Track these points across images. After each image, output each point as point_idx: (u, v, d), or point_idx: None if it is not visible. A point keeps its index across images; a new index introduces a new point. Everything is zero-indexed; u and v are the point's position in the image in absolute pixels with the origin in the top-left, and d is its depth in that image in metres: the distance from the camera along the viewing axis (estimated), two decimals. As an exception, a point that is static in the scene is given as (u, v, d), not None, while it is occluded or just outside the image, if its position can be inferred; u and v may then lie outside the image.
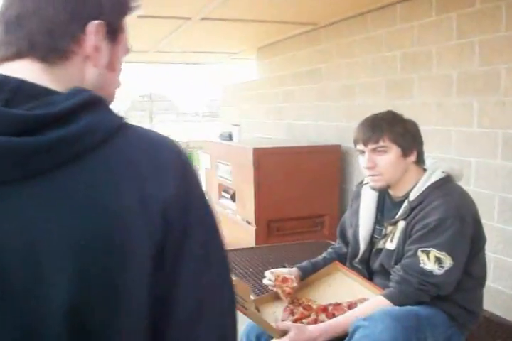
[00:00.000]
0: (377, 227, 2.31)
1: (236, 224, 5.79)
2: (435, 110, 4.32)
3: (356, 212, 2.42)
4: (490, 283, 3.59)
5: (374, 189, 2.29)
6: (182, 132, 22.65)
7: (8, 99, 0.79)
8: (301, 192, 5.21)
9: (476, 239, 2.11)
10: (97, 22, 0.92)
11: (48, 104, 0.81)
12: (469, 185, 3.96)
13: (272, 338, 2.04)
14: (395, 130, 2.19)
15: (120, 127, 0.87)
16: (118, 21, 0.99)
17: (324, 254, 2.60)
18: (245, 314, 1.96)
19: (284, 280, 2.40)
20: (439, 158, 2.49)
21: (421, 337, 1.92)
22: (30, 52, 0.89)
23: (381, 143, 2.19)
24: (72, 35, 0.91)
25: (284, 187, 5.25)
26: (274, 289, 2.40)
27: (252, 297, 2.49)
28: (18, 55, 0.89)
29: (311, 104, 6.38)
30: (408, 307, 1.99)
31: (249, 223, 5.40)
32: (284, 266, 2.85)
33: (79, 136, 0.80)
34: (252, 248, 4.50)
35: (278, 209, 5.24)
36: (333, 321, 2.07)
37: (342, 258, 2.51)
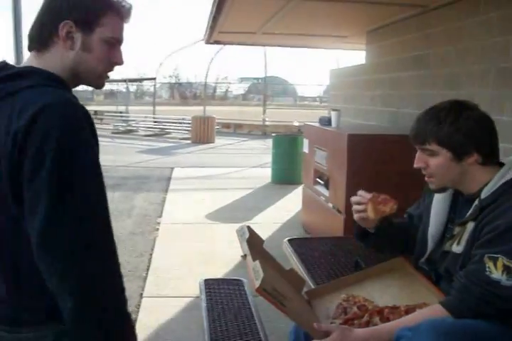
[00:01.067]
0: (449, 226, 2.09)
1: (327, 212, 5.64)
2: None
3: (428, 208, 2.21)
4: None
5: (434, 191, 2.09)
6: (297, 117, 22.61)
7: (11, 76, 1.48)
8: (395, 181, 4.95)
9: None
10: (65, 21, 1.50)
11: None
12: None
13: (312, 339, 1.89)
14: (443, 131, 1.93)
15: (25, 88, 1.43)
16: (88, 20, 1.53)
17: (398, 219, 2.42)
18: (283, 311, 1.81)
19: (385, 201, 2.20)
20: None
21: None
22: (31, 45, 1.57)
23: (427, 147, 1.97)
24: (50, 31, 1.52)
25: (378, 175, 5.02)
26: (360, 208, 2.27)
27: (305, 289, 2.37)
28: (29, 48, 1.58)
29: (417, 91, 6.07)
30: (466, 321, 1.75)
31: (340, 211, 5.24)
32: (357, 262, 2.69)
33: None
34: (335, 237, 4.33)
35: (370, 199, 5.04)
36: (381, 326, 1.87)
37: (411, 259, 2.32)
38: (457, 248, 1.95)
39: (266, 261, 1.96)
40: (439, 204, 2.16)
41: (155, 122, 25.04)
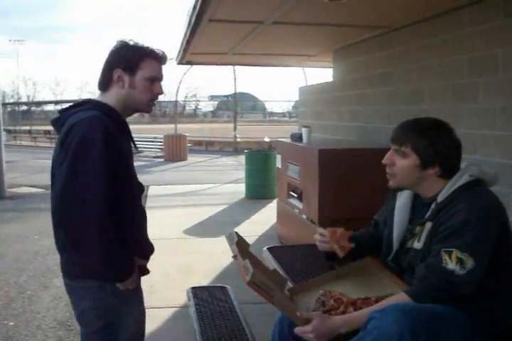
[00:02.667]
0: (410, 227, 2.40)
1: (301, 223, 5.92)
2: (499, 115, 4.29)
3: (391, 213, 2.51)
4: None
5: (390, 188, 2.39)
6: (267, 132, 22.91)
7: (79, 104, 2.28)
8: (366, 193, 5.24)
9: (502, 243, 2.15)
10: (116, 69, 2.23)
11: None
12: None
13: (296, 325, 2.17)
14: (421, 141, 2.24)
15: (79, 111, 2.18)
16: (131, 66, 2.23)
17: (363, 231, 2.73)
18: (270, 302, 2.10)
19: (342, 235, 2.49)
20: (475, 161, 2.51)
21: (432, 333, 1.98)
22: (99, 87, 2.31)
23: (402, 148, 2.28)
24: (108, 77, 2.26)
25: (349, 187, 5.32)
26: (325, 246, 2.51)
27: (288, 287, 2.64)
28: (99, 89, 2.32)
29: (382, 107, 6.41)
30: (425, 304, 2.06)
31: (314, 222, 5.51)
32: (333, 267, 2.95)
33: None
34: (310, 245, 4.59)
35: (342, 210, 5.31)
36: (356, 313, 2.17)
37: (374, 243, 2.63)
38: (418, 244, 2.27)
39: (254, 262, 2.23)
40: (401, 209, 2.46)
41: (126, 141, 25.08)
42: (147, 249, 2.42)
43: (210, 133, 30.46)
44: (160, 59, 2.31)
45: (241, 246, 2.32)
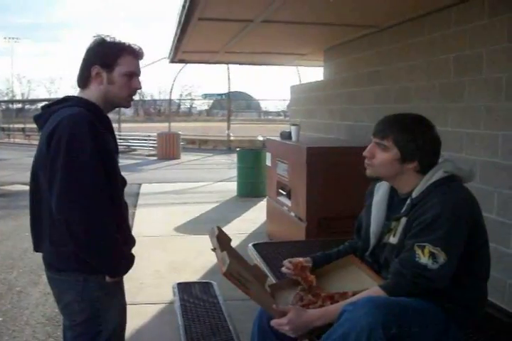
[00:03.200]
0: (387, 222, 2.44)
1: (289, 221, 5.96)
2: (484, 114, 4.33)
3: (369, 209, 2.55)
4: None
5: (368, 176, 2.43)
6: (262, 131, 22.96)
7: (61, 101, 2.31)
8: (353, 191, 5.26)
9: (474, 238, 2.20)
10: (94, 66, 2.26)
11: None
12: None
13: (272, 318, 2.21)
14: (404, 136, 2.29)
15: (62, 108, 2.21)
16: (108, 62, 2.26)
17: (340, 247, 2.75)
18: (246, 293, 2.14)
19: (303, 268, 2.56)
20: (450, 158, 2.54)
21: (403, 325, 2.02)
22: (78, 84, 2.34)
23: (384, 142, 2.32)
24: (86, 74, 2.29)
25: (337, 185, 5.37)
26: (294, 277, 2.56)
27: (269, 282, 2.68)
28: (78, 86, 2.34)
29: (371, 106, 6.46)
30: (397, 298, 2.10)
31: (301, 220, 5.56)
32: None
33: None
34: (294, 241, 4.65)
35: (329, 208, 5.37)
36: (331, 306, 2.21)
37: (357, 252, 2.65)
38: (393, 239, 2.31)
39: (233, 256, 2.27)
40: (378, 205, 2.50)
41: (120, 139, 25.15)
42: (130, 242, 2.46)
43: (204, 132, 30.49)
44: (137, 54, 2.35)
45: (221, 240, 2.36)
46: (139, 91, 2.43)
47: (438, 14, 4.98)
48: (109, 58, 2.27)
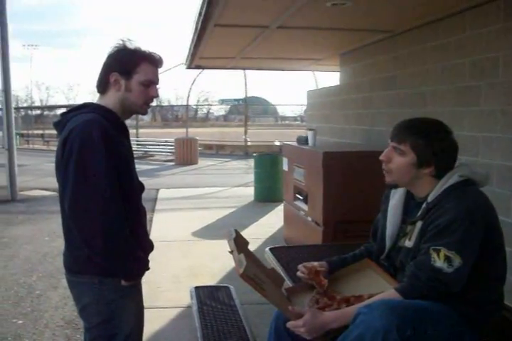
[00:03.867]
0: (403, 226, 2.46)
1: (306, 225, 5.98)
2: (500, 117, 4.33)
3: (385, 213, 2.57)
4: None
5: (386, 184, 2.45)
6: (278, 136, 22.97)
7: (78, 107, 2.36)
8: (370, 195, 5.27)
9: (490, 241, 2.20)
10: (112, 72, 2.29)
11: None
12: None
13: (289, 320, 2.24)
14: (421, 141, 2.30)
15: (78, 114, 2.26)
16: (127, 69, 2.29)
17: (356, 251, 2.77)
18: (263, 295, 2.18)
19: (317, 273, 2.59)
20: (466, 162, 2.55)
21: (419, 328, 2.03)
22: (98, 90, 2.38)
23: (401, 146, 2.34)
24: (105, 81, 2.33)
25: (353, 190, 5.38)
26: (308, 281, 2.59)
27: (286, 286, 2.71)
28: (98, 92, 2.39)
29: (387, 110, 6.47)
30: (412, 301, 2.12)
31: (318, 224, 5.58)
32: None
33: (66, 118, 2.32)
34: (311, 245, 4.67)
35: (346, 212, 5.39)
36: (347, 309, 2.23)
37: (372, 256, 2.67)
38: (409, 243, 2.33)
39: (250, 258, 2.30)
40: (394, 208, 2.52)
41: (138, 145, 25.34)
42: (148, 247, 2.49)
43: (221, 137, 30.59)
44: (156, 63, 2.38)
45: (239, 242, 2.40)
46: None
47: (452, 19, 4.99)
48: (128, 66, 2.31)
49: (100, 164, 2.13)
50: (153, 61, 2.36)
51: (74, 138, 2.14)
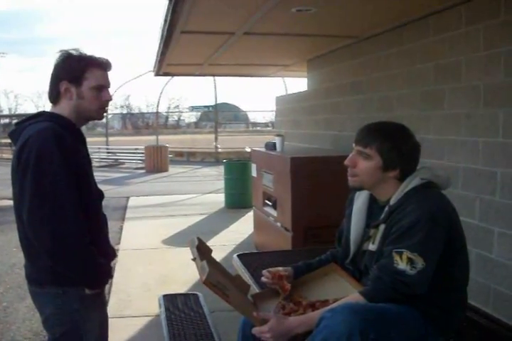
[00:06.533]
0: (366, 230, 2.46)
1: (276, 231, 5.98)
2: (464, 121, 4.38)
3: (349, 217, 2.58)
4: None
5: (350, 187, 2.45)
6: (250, 143, 22.96)
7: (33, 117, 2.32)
8: (338, 200, 5.27)
9: (452, 242, 2.22)
10: (62, 81, 2.27)
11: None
12: (494, 196, 4.04)
13: (254, 326, 2.23)
14: (386, 144, 2.31)
15: (33, 123, 2.23)
16: (76, 76, 2.26)
17: (322, 256, 2.77)
18: (227, 301, 2.17)
19: (280, 277, 2.58)
20: (428, 165, 2.56)
21: (381, 331, 2.04)
22: (50, 100, 2.34)
23: (367, 150, 2.34)
24: (56, 90, 2.30)
25: (322, 195, 5.40)
26: (272, 286, 2.58)
27: (253, 292, 2.69)
28: (50, 101, 2.36)
29: (355, 115, 6.51)
30: (376, 304, 2.12)
31: (287, 230, 5.58)
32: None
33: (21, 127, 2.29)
34: (279, 251, 4.67)
35: (315, 217, 5.40)
36: (311, 314, 2.23)
37: (338, 260, 2.67)
38: (372, 246, 2.34)
39: (213, 265, 2.29)
40: (357, 212, 2.53)
41: (108, 153, 25.15)
42: (110, 254, 2.47)
43: (193, 144, 30.50)
44: (104, 66, 2.37)
45: (201, 250, 2.39)
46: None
47: (416, 24, 5.04)
48: (76, 73, 2.28)
49: (58, 173, 2.11)
50: (101, 65, 2.35)
51: (30, 147, 2.12)
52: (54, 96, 2.33)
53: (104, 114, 2.51)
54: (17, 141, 2.23)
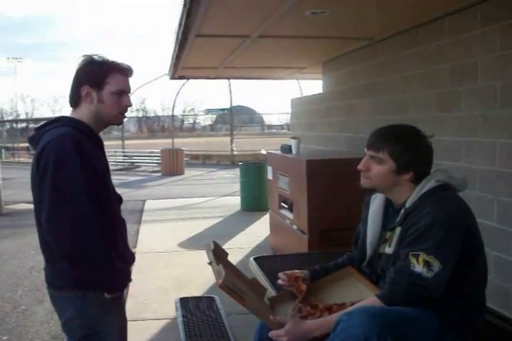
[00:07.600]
0: (382, 233, 2.46)
1: (292, 234, 5.97)
2: (481, 122, 4.35)
3: (365, 220, 2.57)
4: None
5: (362, 187, 2.45)
6: (265, 145, 22.97)
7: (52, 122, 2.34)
8: (354, 202, 5.26)
9: (469, 244, 2.21)
10: (83, 86, 2.29)
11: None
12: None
13: (270, 329, 2.23)
14: (398, 147, 2.31)
15: (52, 128, 2.26)
16: (97, 81, 2.29)
17: (338, 259, 2.77)
18: (243, 305, 2.17)
19: (295, 278, 2.58)
20: (443, 167, 2.55)
21: (399, 335, 2.03)
22: (70, 104, 2.36)
23: (379, 154, 2.34)
24: (76, 94, 2.32)
25: (337, 197, 5.37)
26: (289, 288, 2.58)
27: (270, 295, 2.69)
28: (70, 106, 2.37)
29: (370, 117, 6.50)
30: (393, 307, 2.11)
31: (303, 232, 5.57)
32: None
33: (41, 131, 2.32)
34: (295, 254, 4.66)
35: (330, 220, 5.38)
36: (329, 317, 2.22)
37: (354, 264, 2.66)
38: (389, 249, 2.33)
39: (229, 269, 2.29)
40: (374, 215, 2.52)
41: (124, 156, 25.28)
42: (129, 258, 2.48)
43: (208, 147, 30.58)
44: (125, 72, 2.38)
45: (217, 254, 2.39)
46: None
47: (431, 25, 5.02)
48: (97, 77, 2.30)
49: (77, 178, 2.12)
50: (122, 70, 2.37)
51: (49, 152, 2.13)
52: (75, 100, 2.35)
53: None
54: (37, 145, 2.25)
